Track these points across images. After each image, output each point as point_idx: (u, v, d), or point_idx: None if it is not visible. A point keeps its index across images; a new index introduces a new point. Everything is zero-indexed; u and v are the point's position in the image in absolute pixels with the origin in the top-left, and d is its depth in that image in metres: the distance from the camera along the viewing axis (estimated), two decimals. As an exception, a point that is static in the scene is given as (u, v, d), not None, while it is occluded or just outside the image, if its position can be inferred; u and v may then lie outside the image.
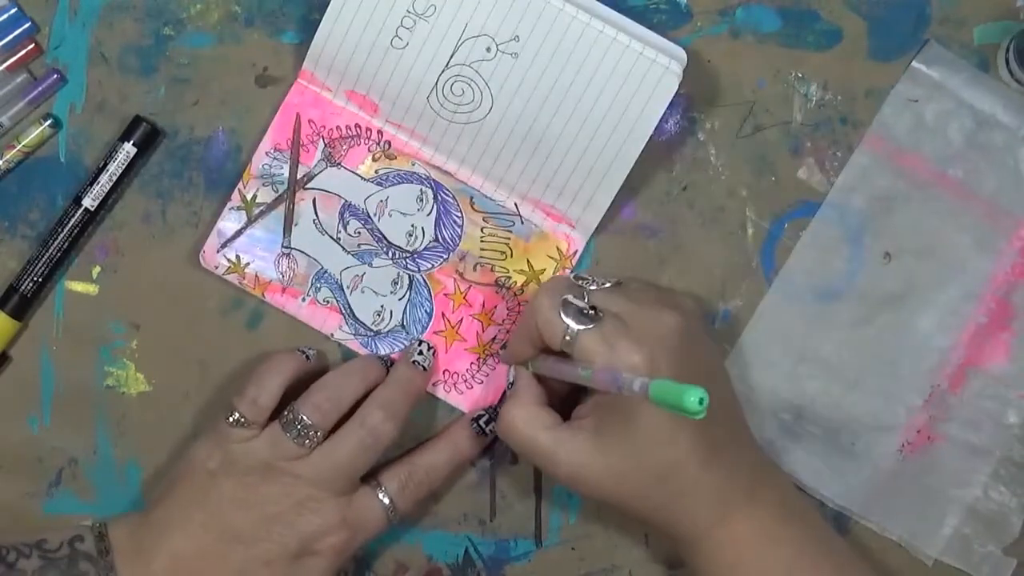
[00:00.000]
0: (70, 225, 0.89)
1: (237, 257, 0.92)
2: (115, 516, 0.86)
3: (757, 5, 0.92)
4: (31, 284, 0.90)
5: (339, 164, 0.92)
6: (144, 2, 0.91)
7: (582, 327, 0.81)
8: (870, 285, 0.93)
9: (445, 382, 0.93)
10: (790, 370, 0.93)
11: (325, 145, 0.92)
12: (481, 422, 0.91)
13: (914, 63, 0.92)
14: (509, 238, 0.92)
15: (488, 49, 0.87)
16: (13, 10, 0.90)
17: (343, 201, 0.92)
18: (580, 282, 0.85)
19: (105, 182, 0.89)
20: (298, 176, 0.92)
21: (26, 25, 0.90)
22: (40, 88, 0.90)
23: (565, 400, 0.88)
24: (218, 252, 0.91)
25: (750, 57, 0.92)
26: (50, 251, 0.89)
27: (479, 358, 0.92)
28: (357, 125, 0.92)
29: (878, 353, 0.93)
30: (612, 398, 0.81)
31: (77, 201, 0.89)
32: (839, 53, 0.92)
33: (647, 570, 0.94)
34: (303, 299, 0.92)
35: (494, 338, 0.92)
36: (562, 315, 0.82)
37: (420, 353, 0.91)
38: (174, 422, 0.92)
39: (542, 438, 0.83)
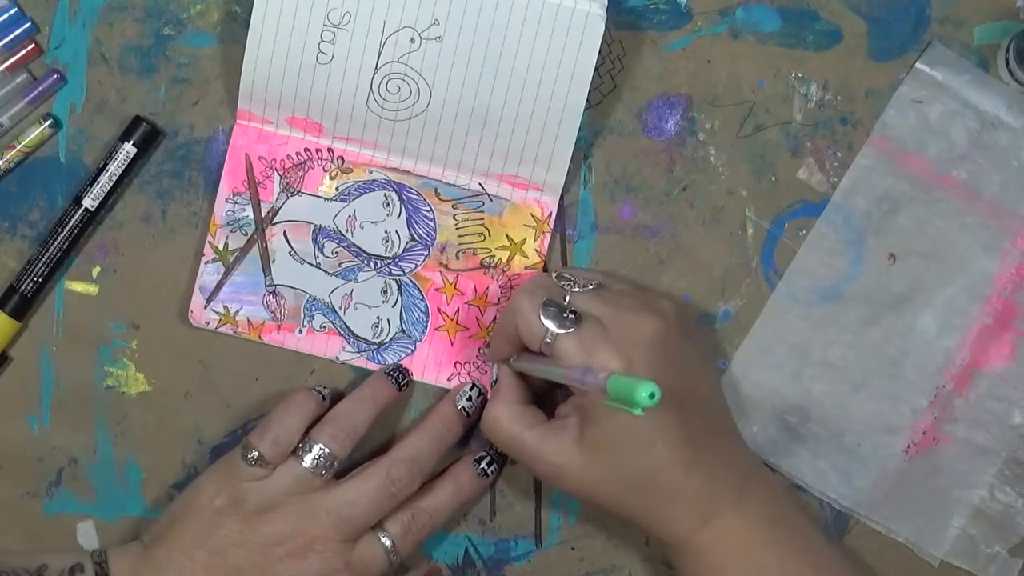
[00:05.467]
0: (70, 225, 0.89)
1: (225, 308, 0.92)
2: (117, 548, 0.86)
3: (757, 5, 0.92)
4: (31, 284, 0.90)
5: (299, 192, 0.92)
6: (144, 2, 0.91)
7: (562, 331, 0.81)
8: (875, 286, 0.92)
9: (459, 374, 0.92)
10: (795, 371, 0.93)
11: (281, 177, 0.91)
12: (484, 464, 0.91)
13: (917, 64, 0.92)
14: (483, 218, 0.92)
15: (412, 40, 0.87)
16: (13, 10, 0.90)
17: (313, 226, 0.92)
18: (562, 283, 0.85)
19: (105, 182, 0.89)
20: (263, 214, 0.92)
21: (26, 25, 0.90)
22: (40, 88, 0.90)
23: (548, 397, 0.89)
24: (205, 308, 0.91)
25: (750, 57, 0.92)
26: (50, 251, 0.89)
27: (485, 342, 0.92)
28: (306, 149, 0.92)
29: (883, 354, 0.93)
30: (589, 402, 0.81)
31: (77, 201, 0.89)
32: (839, 53, 0.92)
33: (647, 570, 0.94)
34: (300, 331, 0.92)
35: (494, 319, 0.92)
36: (542, 318, 0.82)
37: (469, 399, 0.91)
38: (174, 422, 0.92)
39: (526, 437, 0.84)
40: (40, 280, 0.90)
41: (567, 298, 0.84)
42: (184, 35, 0.91)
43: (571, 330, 0.81)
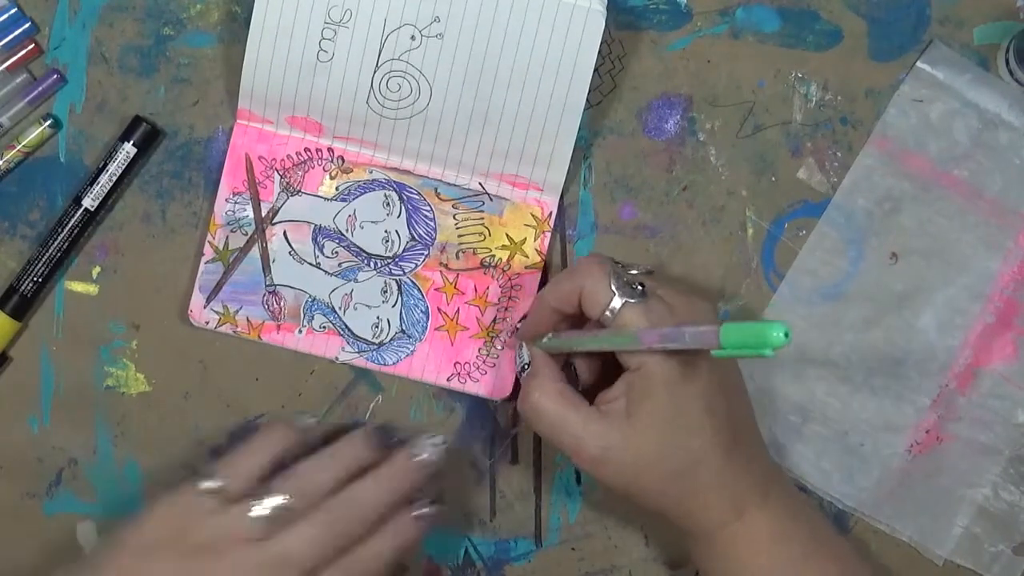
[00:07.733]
0: (70, 225, 0.89)
1: (225, 307, 0.91)
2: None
3: (757, 5, 0.92)
4: (31, 284, 0.90)
5: (299, 191, 0.92)
6: (144, 2, 0.91)
7: (633, 300, 0.80)
8: (877, 286, 0.92)
9: (458, 374, 0.92)
10: (798, 371, 0.93)
11: (281, 177, 0.91)
12: (421, 509, 0.86)
13: (918, 63, 0.91)
14: (483, 218, 0.92)
15: (412, 37, 0.87)
16: (13, 10, 0.90)
17: (313, 226, 0.92)
18: (615, 265, 0.84)
19: (105, 182, 0.89)
20: (263, 214, 0.92)
21: (26, 25, 0.90)
22: (40, 88, 0.90)
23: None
24: (205, 308, 0.91)
25: (750, 57, 0.92)
26: (50, 251, 0.90)
27: (485, 342, 0.92)
28: (307, 149, 0.92)
29: (886, 354, 0.93)
30: (642, 381, 0.80)
31: (77, 201, 0.89)
32: (839, 53, 0.92)
33: (647, 570, 0.93)
34: (299, 331, 0.92)
35: (494, 319, 0.92)
36: (612, 285, 0.81)
37: (433, 445, 0.86)
38: (174, 422, 0.92)
39: (572, 418, 0.82)
40: (40, 280, 0.90)
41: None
42: (184, 35, 0.91)
43: (636, 301, 0.80)
